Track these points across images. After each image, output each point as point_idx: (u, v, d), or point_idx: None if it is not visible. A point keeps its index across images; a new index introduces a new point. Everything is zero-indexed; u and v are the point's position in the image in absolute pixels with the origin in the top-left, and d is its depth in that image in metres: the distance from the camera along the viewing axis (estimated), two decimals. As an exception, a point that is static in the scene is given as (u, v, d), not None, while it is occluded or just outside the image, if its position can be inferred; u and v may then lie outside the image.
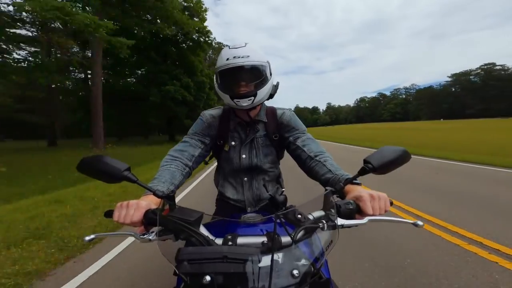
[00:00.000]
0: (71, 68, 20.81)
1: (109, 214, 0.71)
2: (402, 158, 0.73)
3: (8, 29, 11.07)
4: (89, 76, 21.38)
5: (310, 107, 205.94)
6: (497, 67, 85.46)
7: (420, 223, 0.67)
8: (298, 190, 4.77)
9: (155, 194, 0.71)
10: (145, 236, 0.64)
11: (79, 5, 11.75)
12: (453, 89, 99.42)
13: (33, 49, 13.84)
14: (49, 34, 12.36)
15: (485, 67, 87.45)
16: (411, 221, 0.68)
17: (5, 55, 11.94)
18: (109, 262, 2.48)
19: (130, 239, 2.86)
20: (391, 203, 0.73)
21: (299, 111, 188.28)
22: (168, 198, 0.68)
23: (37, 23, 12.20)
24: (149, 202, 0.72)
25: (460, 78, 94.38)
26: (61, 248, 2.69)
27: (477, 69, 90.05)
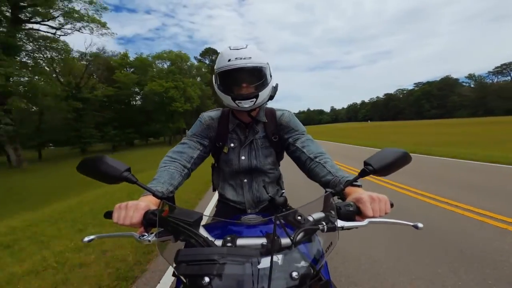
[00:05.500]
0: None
1: (108, 215, 0.71)
2: (402, 160, 0.73)
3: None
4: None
5: (318, 110, 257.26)
6: (408, 89, 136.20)
7: (420, 225, 0.67)
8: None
9: (154, 195, 0.71)
10: (145, 237, 0.64)
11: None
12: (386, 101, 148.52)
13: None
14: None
15: (397, 91, 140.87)
16: (412, 223, 0.67)
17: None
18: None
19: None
20: (392, 205, 0.72)
21: (309, 113, 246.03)
22: (167, 199, 0.68)
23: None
24: (148, 202, 0.72)
25: (393, 96, 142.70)
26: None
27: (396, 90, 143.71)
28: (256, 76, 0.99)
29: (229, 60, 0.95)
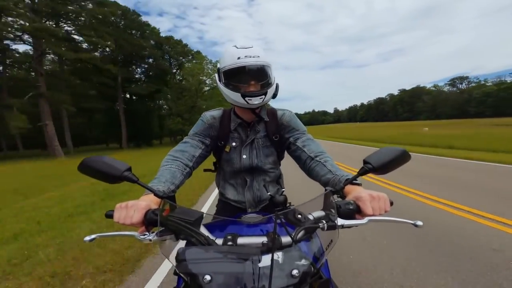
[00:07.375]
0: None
1: (109, 215, 0.71)
2: (401, 158, 0.73)
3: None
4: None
5: (322, 111, 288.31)
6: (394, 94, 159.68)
7: (419, 223, 0.67)
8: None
9: (155, 194, 0.72)
10: (146, 236, 0.64)
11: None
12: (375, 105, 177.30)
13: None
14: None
15: (377, 99, 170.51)
16: (411, 221, 0.68)
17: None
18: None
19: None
20: (391, 203, 0.72)
21: (313, 114, 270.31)
22: (168, 198, 0.68)
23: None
24: (149, 202, 0.72)
25: (383, 100, 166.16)
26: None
27: (387, 95, 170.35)
28: (263, 75, 1.01)
29: (238, 58, 0.95)
